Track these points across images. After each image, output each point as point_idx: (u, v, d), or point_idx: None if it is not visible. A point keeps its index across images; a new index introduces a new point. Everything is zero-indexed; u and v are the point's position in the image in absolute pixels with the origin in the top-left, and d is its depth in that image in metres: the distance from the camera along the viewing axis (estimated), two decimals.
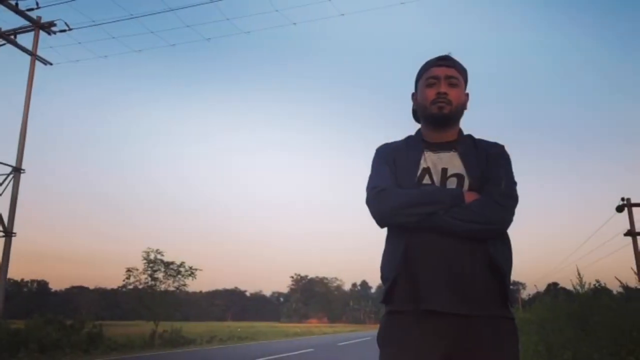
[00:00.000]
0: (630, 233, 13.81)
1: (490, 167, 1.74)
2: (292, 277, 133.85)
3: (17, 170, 14.79)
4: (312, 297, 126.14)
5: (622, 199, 14.77)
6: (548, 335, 6.21)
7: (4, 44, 14.99)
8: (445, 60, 1.85)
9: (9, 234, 14.51)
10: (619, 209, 14.83)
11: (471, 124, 1.94)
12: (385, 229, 1.79)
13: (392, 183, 1.75)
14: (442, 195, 1.66)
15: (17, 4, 14.53)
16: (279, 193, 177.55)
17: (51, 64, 15.75)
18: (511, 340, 1.62)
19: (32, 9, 14.74)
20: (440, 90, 1.80)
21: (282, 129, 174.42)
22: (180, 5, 12.57)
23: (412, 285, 1.63)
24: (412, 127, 1.98)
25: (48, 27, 15.39)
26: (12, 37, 15.02)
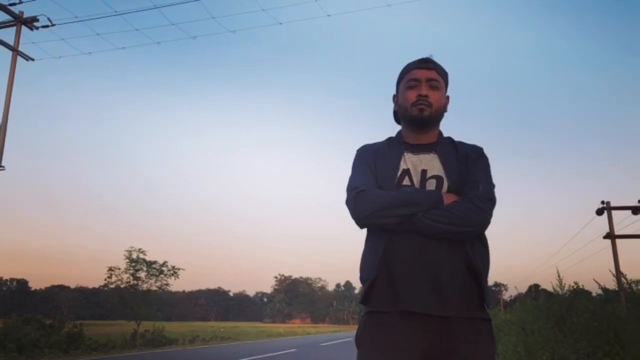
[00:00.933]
0: (610, 236, 14.00)
1: (469, 169, 1.76)
2: (276, 277, 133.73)
3: None
4: (295, 297, 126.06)
5: (602, 202, 14.98)
6: (527, 336, 6.28)
7: None
8: (426, 63, 1.86)
9: None
10: (599, 212, 15.03)
11: (451, 127, 1.96)
12: (365, 230, 1.80)
13: (372, 184, 1.76)
14: (421, 197, 1.67)
15: None
16: (264, 193, 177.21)
17: (33, 60, 15.53)
18: (488, 341, 1.63)
19: (14, 4, 14.52)
20: (421, 92, 1.81)
21: (268, 129, 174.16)
22: (166, 3, 12.46)
23: (391, 286, 1.64)
24: (396, 128, 1.99)
25: (30, 23, 15.15)
26: None
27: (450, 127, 1.96)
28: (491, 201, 1.70)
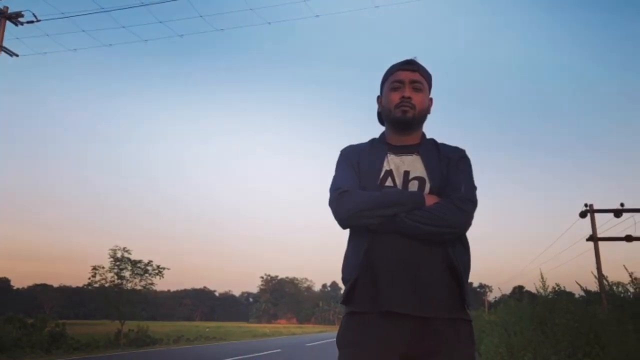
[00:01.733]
0: (592, 238, 14.16)
1: (451, 171, 1.77)
2: (262, 277, 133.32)
3: None
4: (281, 297, 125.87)
5: (586, 205, 15.16)
6: (510, 337, 6.34)
7: None
8: (410, 65, 1.87)
9: None
10: (583, 214, 15.21)
11: (436, 127, 1.97)
12: (348, 231, 1.81)
13: (355, 185, 1.77)
14: (403, 198, 1.69)
15: None
16: (250, 193, 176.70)
17: (17, 56, 15.36)
18: (468, 342, 1.65)
19: None
20: (404, 94, 1.82)
21: (252, 128, 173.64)
22: (153, 1, 12.37)
23: (372, 287, 1.65)
24: (380, 128, 2.00)
25: (15, 18, 14.99)
26: None
27: (435, 127, 1.97)
28: (472, 203, 1.72)
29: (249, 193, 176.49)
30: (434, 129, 1.96)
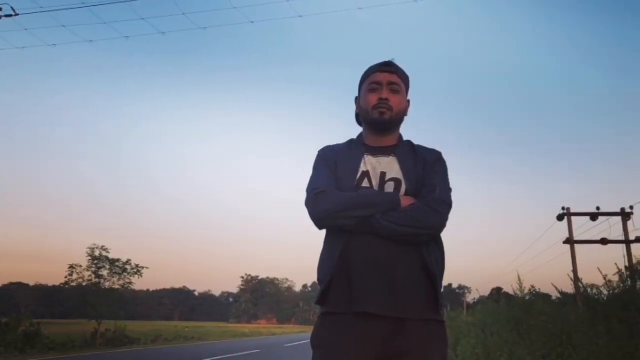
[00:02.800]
0: (569, 241, 14.38)
1: (427, 173, 1.79)
2: (243, 277, 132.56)
3: None
4: (262, 297, 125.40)
5: (563, 208, 15.40)
6: (487, 338, 6.41)
7: None
8: (388, 67, 1.89)
9: None
10: (560, 217, 15.46)
11: (412, 129, 1.98)
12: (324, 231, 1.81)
13: (332, 186, 1.77)
14: (379, 199, 1.70)
15: None
16: (230, 192, 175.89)
17: None
18: (441, 343, 1.66)
19: None
20: (382, 96, 1.83)
21: (234, 127, 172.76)
22: None
23: (347, 288, 1.65)
24: (359, 129, 2.00)
25: None
26: None
27: (414, 127, 1.98)
28: (447, 205, 1.73)
29: (229, 193, 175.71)
30: (413, 128, 1.97)
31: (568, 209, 15.18)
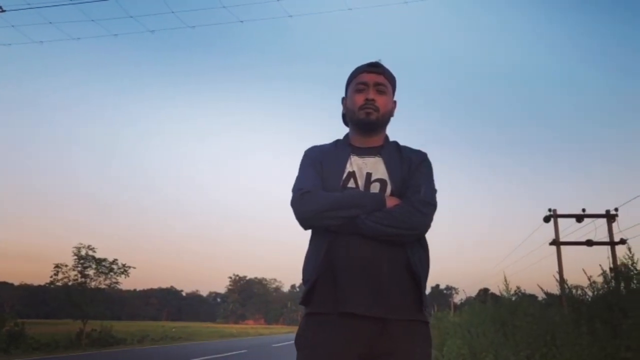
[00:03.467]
0: (555, 242, 14.51)
1: (412, 174, 1.79)
2: (231, 277, 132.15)
3: None
4: (250, 298, 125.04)
5: (549, 210, 15.54)
6: (473, 338, 6.44)
7: None
8: (375, 67, 1.89)
9: None
10: (546, 219, 15.59)
11: (399, 130, 1.99)
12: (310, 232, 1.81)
13: (317, 186, 1.77)
14: (365, 200, 1.70)
15: None
16: (218, 191, 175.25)
17: None
18: (424, 344, 1.67)
19: None
20: (368, 96, 1.84)
21: (225, 126, 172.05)
22: None
23: (332, 288, 1.65)
24: (345, 130, 2.01)
25: None
26: None
27: (399, 127, 1.99)
28: (432, 205, 1.74)
29: (217, 193, 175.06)
30: (399, 129, 1.98)
31: (554, 210, 15.30)
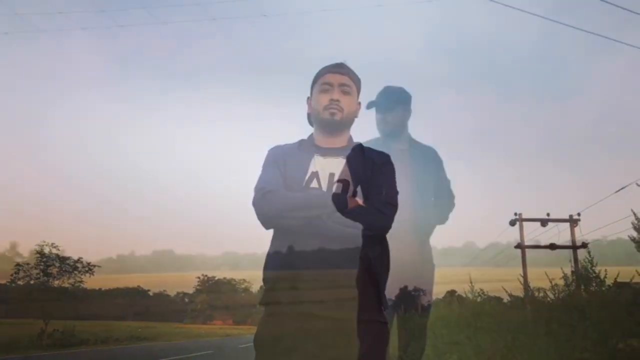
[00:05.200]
0: (520, 246, 14.83)
1: (375, 175, 1.80)
2: (199, 277, 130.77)
3: None
4: (218, 298, 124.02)
5: (515, 214, 15.88)
6: (437, 339, 6.52)
7: None
8: (339, 68, 1.90)
9: None
10: (512, 223, 15.93)
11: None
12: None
13: (280, 185, 1.76)
14: (327, 200, 1.70)
15: None
16: (188, 188, 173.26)
17: None
18: (381, 344, 1.68)
19: None
20: (333, 96, 1.84)
21: (192, 122, 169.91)
22: None
23: (291, 288, 1.65)
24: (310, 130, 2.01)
25: None
26: None
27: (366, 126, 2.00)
28: (393, 206, 1.75)
29: (187, 190, 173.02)
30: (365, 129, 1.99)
31: (520, 214, 15.64)
